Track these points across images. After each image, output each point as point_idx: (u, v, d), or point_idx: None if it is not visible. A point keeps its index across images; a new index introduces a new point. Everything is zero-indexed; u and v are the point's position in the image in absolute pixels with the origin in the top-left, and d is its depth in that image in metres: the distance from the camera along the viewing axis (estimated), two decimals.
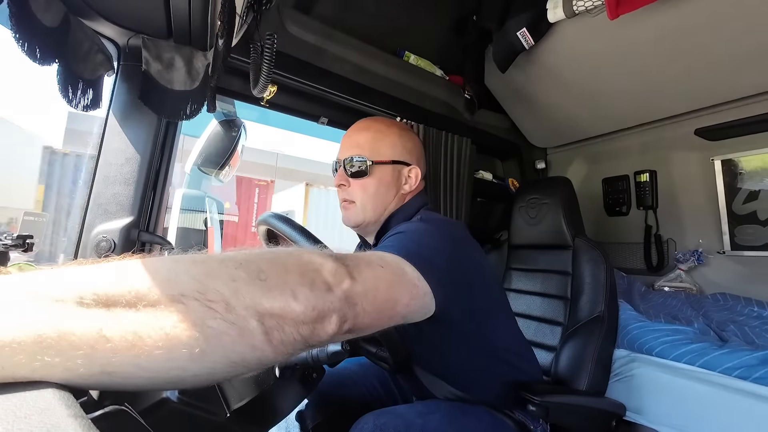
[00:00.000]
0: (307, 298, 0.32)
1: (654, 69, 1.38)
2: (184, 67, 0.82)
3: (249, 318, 0.29)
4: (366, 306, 0.38)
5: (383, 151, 0.81)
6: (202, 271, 0.29)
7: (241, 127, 2.16)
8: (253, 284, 0.30)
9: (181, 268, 0.29)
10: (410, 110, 1.57)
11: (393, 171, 0.81)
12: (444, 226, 0.71)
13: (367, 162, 0.79)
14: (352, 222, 0.83)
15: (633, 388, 1.11)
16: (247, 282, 0.30)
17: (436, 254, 0.55)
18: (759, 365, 0.97)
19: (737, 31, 1.16)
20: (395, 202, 0.82)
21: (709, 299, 1.51)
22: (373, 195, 0.80)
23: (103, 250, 0.84)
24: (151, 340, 0.25)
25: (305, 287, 0.33)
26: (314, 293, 0.33)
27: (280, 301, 0.31)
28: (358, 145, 0.81)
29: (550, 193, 1.29)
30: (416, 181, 0.83)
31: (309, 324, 0.32)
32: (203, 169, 2.34)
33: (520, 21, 1.41)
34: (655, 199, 1.74)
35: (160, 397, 0.52)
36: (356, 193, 0.81)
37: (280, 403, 0.61)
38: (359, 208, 0.81)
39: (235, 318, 0.28)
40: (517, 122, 1.96)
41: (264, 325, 0.29)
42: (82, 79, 0.76)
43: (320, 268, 0.35)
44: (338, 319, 0.34)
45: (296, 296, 0.32)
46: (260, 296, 0.30)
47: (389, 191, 0.81)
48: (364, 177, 0.79)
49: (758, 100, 1.37)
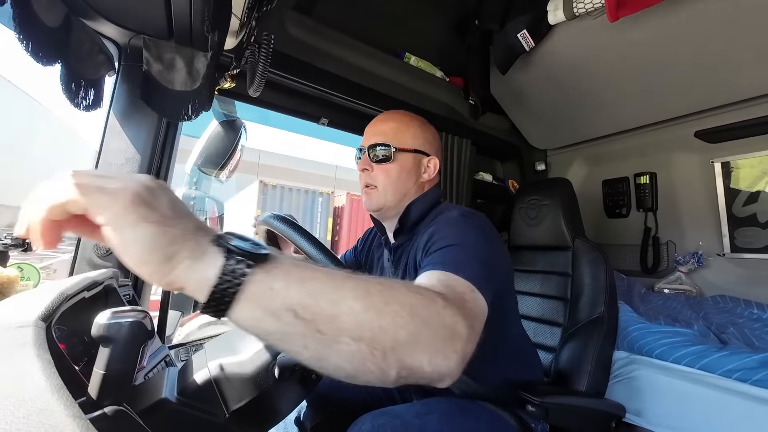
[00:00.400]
0: (439, 366, 0.39)
1: (654, 71, 1.39)
2: (184, 68, 0.82)
3: (393, 369, 0.36)
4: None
5: (406, 140, 0.85)
6: (376, 317, 0.36)
7: (241, 128, 2.16)
8: (408, 342, 0.37)
9: (368, 316, 0.36)
10: (411, 111, 1.57)
11: (414, 159, 0.86)
12: (483, 225, 0.74)
13: (391, 149, 0.83)
14: (373, 205, 0.86)
15: (633, 389, 1.11)
16: (406, 340, 0.37)
17: (487, 267, 0.60)
18: (759, 368, 0.97)
19: (737, 33, 1.17)
20: (414, 190, 0.86)
21: (709, 301, 1.51)
22: (394, 180, 0.84)
23: (102, 251, 0.84)
24: (326, 352, 0.35)
25: (440, 357, 0.39)
26: (446, 363, 0.39)
27: (419, 363, 0.37)
28: (382, 133, 0.85)
29: (550, 195, 1.29)
30: (434, 171, 0.88)
31: (429, 379, 0.39)
32: (203, 169, 2.34)
33: (520, 23, 1.41)
34: (655, 201, 1.74)
35: (159, 397, 0.52)
36: (379, 177, 0.84)
37: (279, 404, 0.61)
38: (381, 192, 0.84)
39: (385, 366, 0.36)
40: (517, 124, 1.96)
41: (399, 374, 0.37)
42: (83, 79, 0.76)
43: (456, 336, 0.41)
44: (450, 379, 0.41)
45: (431, 362, 0.38)
46: (409, 354, 0.37)
47: (410, 178, 0.85)
48: (387, 162, 0.84)
49: (758, 103, 1.37)
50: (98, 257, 0.84)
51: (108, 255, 0.85)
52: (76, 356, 0.51)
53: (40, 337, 0.34)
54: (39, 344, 0.32)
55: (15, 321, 0.36)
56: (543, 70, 1.57)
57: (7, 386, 0.23)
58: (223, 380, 0.56)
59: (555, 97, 1.70)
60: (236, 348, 0.61)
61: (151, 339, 0.67)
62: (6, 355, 0.29)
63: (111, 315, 0.39)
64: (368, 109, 1.47)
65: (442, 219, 0.75)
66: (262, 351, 0.60)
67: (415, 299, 0.40)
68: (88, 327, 0.40)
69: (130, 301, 0.77)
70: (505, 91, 1.81)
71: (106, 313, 0.39)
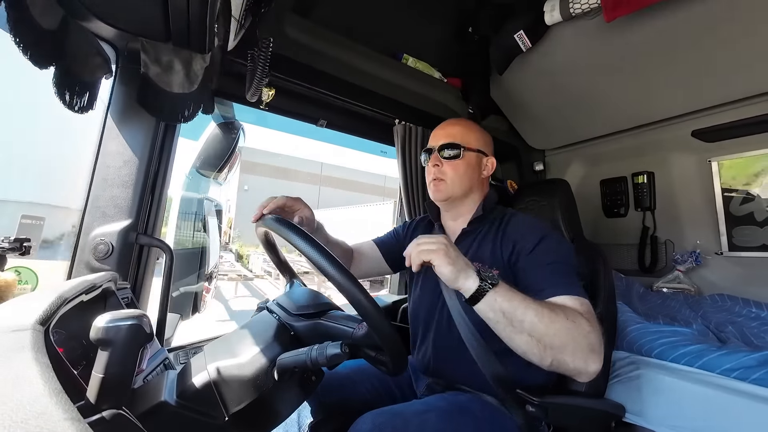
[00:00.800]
0: (578, 366, 0.67)
1: (651, 71, 1.39)
2: (182, 70, 0.82)
3: (548, 359, 0.67)
4: None
5: (471, 141, 0.99)
6: (545, 328, 0.66)
7: (239, 130, 2.16)
8: (560, 347, 0.66)
9: (540, 326, 0.66)
10: (409, 113, 1.57)
11: (477, 158, 0.99)
12: (564, 238, 1.03)
13: (460, 147, 0.96)
14: (442, 195, 0.98)
15: (632, 389, 1.11)
16: (559, 345, 0.66)
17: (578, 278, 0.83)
18: (757, 366, 0.98)
19: (734, 33, 1.17)
20: (477, 185, 1.00)
21: (707, 300, 1.51)
22: (462, 175, 0.97)
23: (100, 253, 0.84)
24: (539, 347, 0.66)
25: (580, 361, 0.67)
26: (584, 365, 0.67)
27: (565, 361, 0.67)
28: (451, 135, 0.99)
29: (548, 195, 1.29)
30: (492, 169, 1.03)
31: (571, 373, 0.69)
32: (201, 171, 2.34)
33: (517, 23, 1.41)
34: (652, 201, 1.74)
35: (158, 400, 0.52)
36: (448, 172, 0.97)
37: (279, 406, 0.61)
38: (449, 184, 0.97)
39: (544, 355, 0.66)
40: (515, 124, 1.97)
41: (552, 364, 0.67)
42: (79, 81, 0.75)
43: (595, 350, 0.68)
44: (587, 377, 0.69)
45: (573, 362, 0.67)
46: (560, 354, 0.66)
47: (474, 173, 0.99)
48: (456, 159, 0.97)
49: (755, 102, 1.37)
50: (96, 260, 0.84)
51: (106, 258, 0.84)
52: (74, 360, 0.51)
53: (38, 340, 0.34)
54: (37, 348, 0.32)
55: (13, 324, 0.36)
56: (540, 70, 1.58)
57: (5, 390, 0.23)
58: (222, 383, 0.56)
59: (553, 97, 1.71)
60: (235, 351, 0.61)
61: (150, 342, 0.66)
62: (4, 358, 0.29)
63: (109, 318, 0.39)
64: (367, 111, 1.47)
65: (535, 226, 0.89)
66: (261, 353, 0.59)
67: (570, 324, 0.67)
68: (86, 330, 0.40)
69: (128, 304, 0.76)
70: (502, 92, 1.81)
71: (104, 316, 0.39)
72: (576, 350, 0.66)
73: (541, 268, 0.80)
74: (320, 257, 0.54)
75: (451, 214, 1.04)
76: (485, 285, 0.65)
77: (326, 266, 0.53)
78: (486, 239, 0.94)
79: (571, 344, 0.66)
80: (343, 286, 0.52)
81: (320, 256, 0.54)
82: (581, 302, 0.74)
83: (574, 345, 0.66)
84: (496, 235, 0.93)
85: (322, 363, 0.55)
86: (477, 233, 0.97)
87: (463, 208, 1.01)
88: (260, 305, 0.81)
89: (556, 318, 0.66)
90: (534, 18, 1.37)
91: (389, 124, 1.59)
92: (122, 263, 0.86)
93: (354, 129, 1.58)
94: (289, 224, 0.60)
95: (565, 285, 0.76)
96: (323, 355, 0.55)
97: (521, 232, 0.89)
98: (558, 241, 0.86)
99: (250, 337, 0.64)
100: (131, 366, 0.40)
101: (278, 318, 0.72)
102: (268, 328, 0.68)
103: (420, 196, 1.59)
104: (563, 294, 0.75)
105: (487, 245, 0.93)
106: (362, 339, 0.62)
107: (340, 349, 0.55)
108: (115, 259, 0.85)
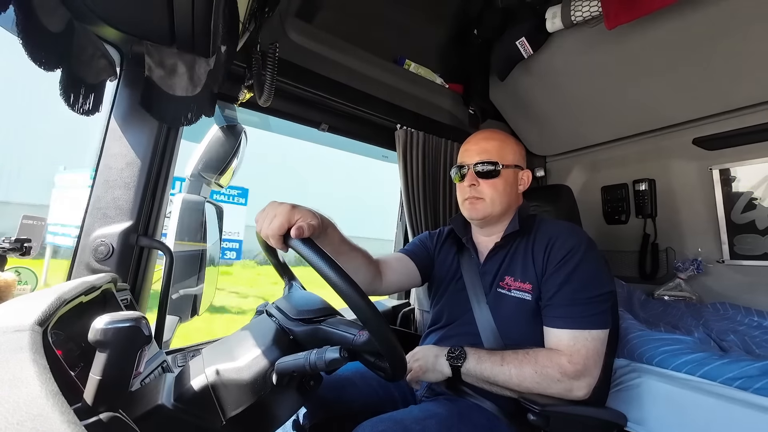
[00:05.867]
0: (578, 398, 0.79)
1: (652, 78, 1.40)
2: (186, 73, 0.83)
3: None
4: None
5: (508, 156, 0.95)
6: (518, 383, 0.79)
7: (242, 133, 2.17)
8: (535, 392, 0.79)
9: (513, 381, 0.79)
10: (410, 117, 1.58)
11: (514, 173, 0.96)
12: (600, 256, 0.98)
13: (498, 165, 0.93)
14: (480, 215, 0.95)
15: (634, 398, 1.10)
16: (534, 390, 0.79)
17: (608, 300, 0.86)
18: (760, 376, 0.97)
19: (735, 41, 1.18)
20: (514, 201, 0.98)
21: (709, 308, 1.50)
22: (501, 193, 0.93)
23: (101, 254, 0.83)
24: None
25: (555, 399, 0.79)
26: (576, 398, 0.80)
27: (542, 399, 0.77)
28: (486, 151, 0.95)
29: (549, 201, 1.29)
30: (528, 182, 0.99)
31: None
32: (203, 174, 2.34)
33: (519, 30, 1.42)
34: (654, 208, 1.74)
35: (155, 403, 0.52)
36: (486, 191, 0.93)
37: (277, 410, 0.61)
38: (489, 203, 0.94)
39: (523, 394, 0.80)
40: (515, 129, 1.97)
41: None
42: (84, 84, 0.76)
43: (569, 392, 0.79)
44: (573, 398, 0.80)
45: (551, 398, 0.79)
46: (536, 395, 0.78)
47: (513, 190, 0.96)
48: (494, 178, 0.93)
49: (756, 110, 1.38)
50: (97, 261, 0.84)
51: (107, 259, 0.84)
52: (72, 361, 0.50)
53: (37, 341, 0.34)
54: (35, 349, 0.32)
55: (11, 325, 0.36)
56: (542, 77, 1.59)
57: (2, 392, 0.22)
58: (220, 386, 0.55)
59: (554, 104, 1.71)
60: (234, 354, 0.60)
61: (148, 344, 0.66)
62: (2, 359, 0.29)
63: (108, 320, 0.39)
64: (368, 115, 1.48)
65: (566, 241, 0.89)
66: (260, 357, 0.59)
67: (538, 378, 0.77)
68: (85, 332, 0.39)
69: (128, 306, 0.76)
70: (504, 98, 1.82)
71: (103, 317, 0.39)
72: (549, 391, 0.77)
73: (556, 296, 0.83)
74: (323, 263, 0.54)
75: (485, 231, 1.01)
76: (457, 363, 0.82)
77: (325, 268, 0.53)
78: (517, 253, 0.93)
79: (544, 389, 0.77)
80: (343, 290, 0.52)
81: (322, 262, 0.54)
82: (575, 338, 0.79)
83: (547, 389, 0.77)
84: (526, 248, 0.91)
85: (321, 368, 0.54)
86: (509, 247, 0.95)
87: (499, 225, 0.98)
88: (259, 309, 0.81)
89: (523, 373, 0.78)
90: (536, 25, 1.38)
91: (391, 128, 1.59)
92: (122, 265, 0.86)
93: (355, 133, 1.58)
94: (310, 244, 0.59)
95: (570, 318, 0.80)
96: (322, 359, 0.54)
97: (551, 243, 0.89)
98: (582, 260, 0.85)
99: (249, 340, 0.64)
100: (129, 368, 0.40)
101: (277, 322, 0.72)
102: (266, 331, 0.67)
103: (421, 202, 1.59)
104: (563, 328, 0.81)
105: (518, 260, 0.92)
106: (363, 346, 0.62)
107: (339, 354, 0.54)
108: (115, 261, 0.84)
